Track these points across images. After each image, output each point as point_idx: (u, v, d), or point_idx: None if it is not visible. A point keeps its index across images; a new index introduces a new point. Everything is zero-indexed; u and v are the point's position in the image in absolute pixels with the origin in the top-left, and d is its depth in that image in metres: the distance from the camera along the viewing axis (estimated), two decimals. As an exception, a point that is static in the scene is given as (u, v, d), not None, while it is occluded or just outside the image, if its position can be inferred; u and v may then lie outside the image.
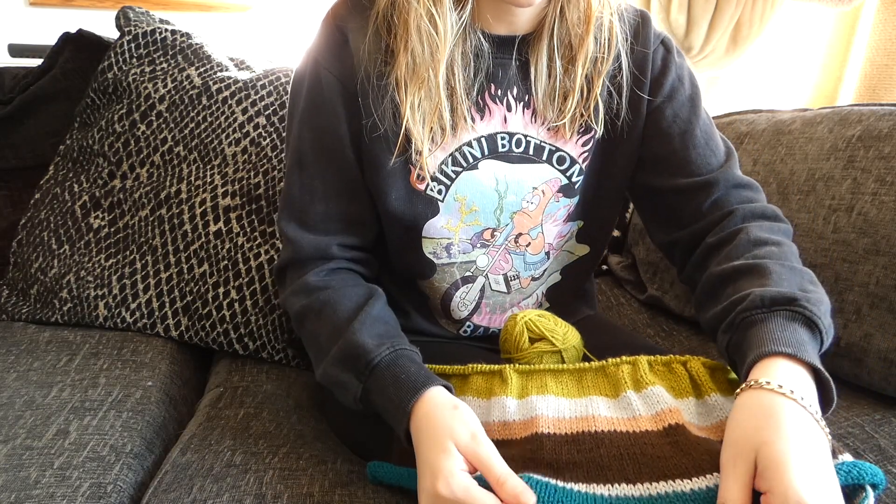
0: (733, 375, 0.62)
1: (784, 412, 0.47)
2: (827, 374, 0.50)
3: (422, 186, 0.71)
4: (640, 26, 0.73)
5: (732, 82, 2.05)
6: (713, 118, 1.14)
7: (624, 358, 0.62)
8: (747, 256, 0.63)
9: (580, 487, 0.50)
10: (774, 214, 0.70)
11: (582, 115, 0.71)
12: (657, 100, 0.73)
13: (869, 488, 0.47)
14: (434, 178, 0.71)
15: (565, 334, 0.70)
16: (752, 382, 0.49)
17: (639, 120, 0.74)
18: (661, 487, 0.49)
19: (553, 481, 0.50)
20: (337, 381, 0.64)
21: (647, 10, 1.65)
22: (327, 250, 0.71)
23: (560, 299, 0.86)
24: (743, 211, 0.69)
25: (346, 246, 0.73)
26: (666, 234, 0.76)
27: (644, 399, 0.57)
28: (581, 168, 0.75)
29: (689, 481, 0.48)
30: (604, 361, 0.62)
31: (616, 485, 0.49)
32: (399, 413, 0.57)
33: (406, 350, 0.62)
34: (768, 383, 0.48)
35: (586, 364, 0.63)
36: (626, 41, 0.71)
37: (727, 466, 0.47)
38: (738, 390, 0.50)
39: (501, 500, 0.49)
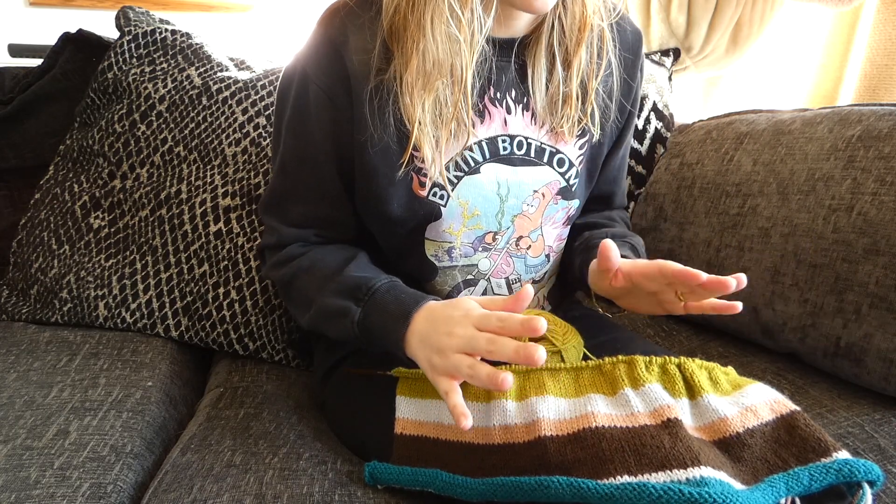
0: (728, 375, 0.62)
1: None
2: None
3: (424, 192, 0.71)
4: (636, 38, 0.78)
5: (732, 82, 2.04)
6: (713, 118, 1.15)
7: (620, 357, 0.62)
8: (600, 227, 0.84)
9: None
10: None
11: (580, 121, 0.73)
12: (635, 110, 0.81)
13: (866, 486, 0.47)
14: (436, 184, 0.70)
15: (565, 334, 0.70)
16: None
17: (620, 124, 0.79)
18: (661, 477, 0.49)
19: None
20: (333, 310, 0.66)
21: (647, 11, 1.65)
22: (308, 239, 0.76)
23: (559, 301, 0.86)
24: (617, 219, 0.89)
25: (325, 236, 0.76)
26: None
27: (642, 396, 0.57)
28: (577, 171, 0.76)
29: (684, 471, 0.49)
30: (600, 360, 0.62)
31: (619, 476, 0.50)
32: (400, 322, 0.60)
33: (403, 283, 0.67)
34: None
35: (583, 363, 0.63)
36: (617, 49, 0.74)
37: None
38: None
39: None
